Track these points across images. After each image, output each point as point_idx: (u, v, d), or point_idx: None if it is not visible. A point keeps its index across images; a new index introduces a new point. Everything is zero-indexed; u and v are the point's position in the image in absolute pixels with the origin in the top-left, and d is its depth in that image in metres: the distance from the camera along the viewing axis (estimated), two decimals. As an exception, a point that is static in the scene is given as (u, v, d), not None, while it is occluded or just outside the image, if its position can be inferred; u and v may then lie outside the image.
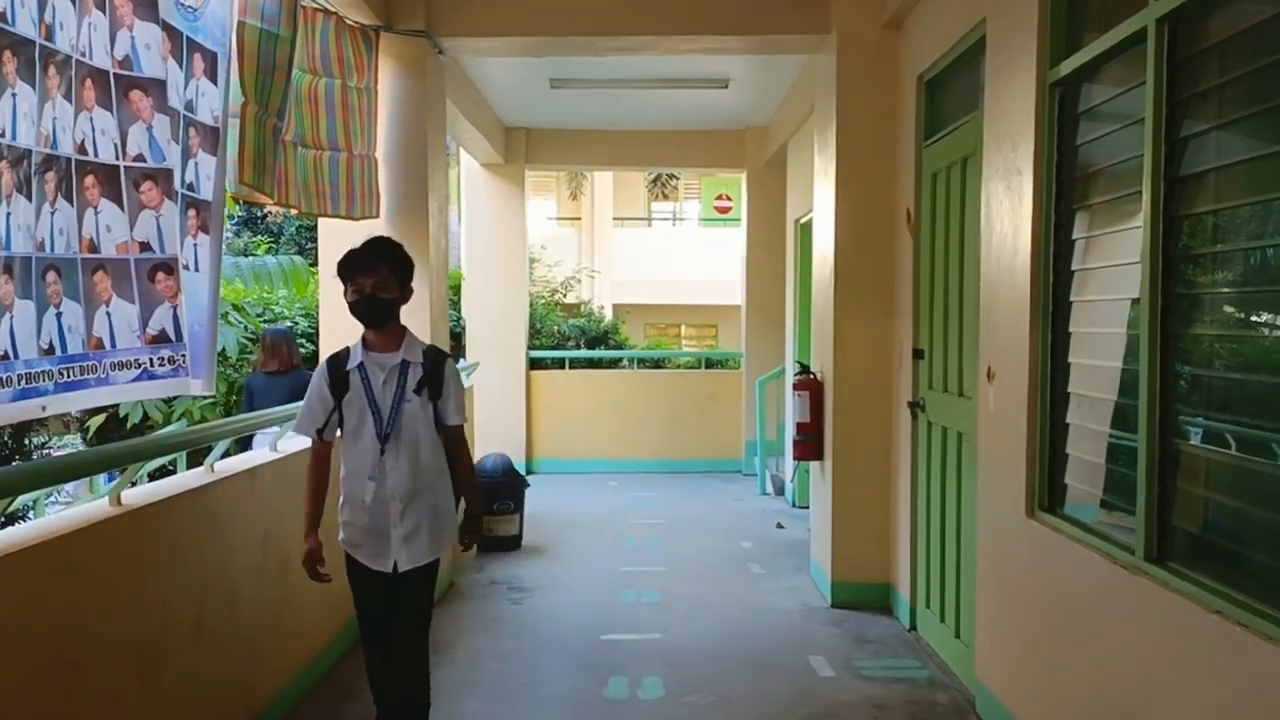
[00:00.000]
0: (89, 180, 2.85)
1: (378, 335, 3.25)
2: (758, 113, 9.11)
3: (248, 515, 3.66)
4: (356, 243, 3.18)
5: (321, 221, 5.39)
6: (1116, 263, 3.03)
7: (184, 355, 3.31)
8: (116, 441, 5.42)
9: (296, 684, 4.08)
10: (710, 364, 11.98)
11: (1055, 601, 3.30)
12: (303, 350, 7.32)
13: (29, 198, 2.58)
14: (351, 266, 3.20)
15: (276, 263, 9.16)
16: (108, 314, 2.97)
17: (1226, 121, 2.50)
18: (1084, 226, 3.31)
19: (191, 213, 3.37)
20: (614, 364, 11.74)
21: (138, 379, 3.13)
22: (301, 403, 3.35)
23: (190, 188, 3.35)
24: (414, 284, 3.34)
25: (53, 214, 2.70)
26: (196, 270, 3.41)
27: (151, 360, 3.17)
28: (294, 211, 5.00)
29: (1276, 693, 2.12)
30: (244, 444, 4.92)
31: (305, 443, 3.39)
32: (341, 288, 3.23)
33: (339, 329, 5.43)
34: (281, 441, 4.22)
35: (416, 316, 5.32)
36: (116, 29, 2.94)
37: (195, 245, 3.41)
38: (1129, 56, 2.93)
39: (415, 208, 5.46)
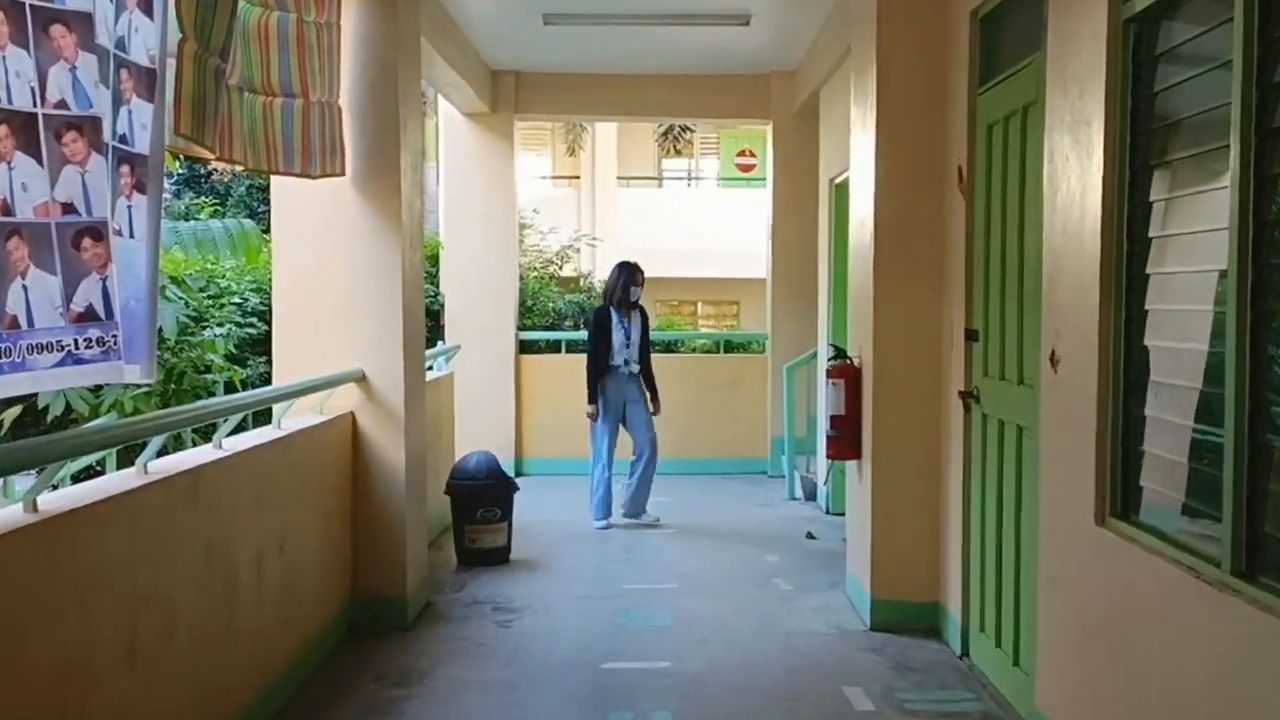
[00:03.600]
0: (1, 130, 2.85)
1: None
2: (785, 54, 9.09)
3: (188, 523, 3.69)
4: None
5: (275, 180, 5.40)
6: (1201, 229, 3.03)
7: (115, 336, 3.30)
8: (33, 437, 5.44)
9: (245, 715, 4.11)
10: (730, 347, 11.98)
11: (1128, 623, 3.31)
12: (254, 331, 7.34)
13: None
14: None
15: (223, 227, 9.20)
16: (24, 287, 2.96)
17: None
18: (1163, 186, 3.30)
19: (125, 169, 3.37)
20: (618, 347, 11.76)
21: (61, 364, 3.12)
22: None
23: (123, 140, 3.34)
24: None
25: None
26: (131, 237, 3.40)
27: (77, 341, 3.16)
28: (240, 168, 4.99)
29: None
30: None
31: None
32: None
33: (296, 305, 5.50)
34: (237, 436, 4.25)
35: (386, 292, 5.11)
36: (33, -45, 2.94)
37: (130, 207, 3.40)
38: (1217, -14, 2.92)
39: (385, 164, 5.44)
